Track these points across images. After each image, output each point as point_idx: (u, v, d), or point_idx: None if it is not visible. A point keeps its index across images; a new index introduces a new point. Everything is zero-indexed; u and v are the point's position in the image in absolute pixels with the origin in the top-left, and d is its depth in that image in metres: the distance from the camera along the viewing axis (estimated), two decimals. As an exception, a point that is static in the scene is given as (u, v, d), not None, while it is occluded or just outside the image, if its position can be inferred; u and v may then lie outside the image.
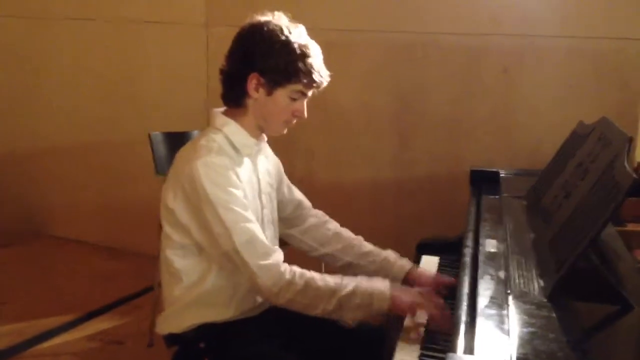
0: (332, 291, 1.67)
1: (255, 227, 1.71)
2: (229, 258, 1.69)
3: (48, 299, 3.42)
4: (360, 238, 2.07)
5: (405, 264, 1.98)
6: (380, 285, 1.70)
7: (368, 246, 2.04)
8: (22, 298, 3.44)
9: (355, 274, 1.99)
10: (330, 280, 1.69)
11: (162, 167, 2.95)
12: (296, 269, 1.70)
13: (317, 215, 2.11)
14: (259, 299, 1.84)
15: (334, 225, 2.09)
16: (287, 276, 1.67)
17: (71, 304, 3.36)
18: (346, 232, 2.08)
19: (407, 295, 1.69)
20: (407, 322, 1.68)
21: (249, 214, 1.71)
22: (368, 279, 1.73)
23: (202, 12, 3.66)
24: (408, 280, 1.95)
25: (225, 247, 1.68)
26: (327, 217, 2.11)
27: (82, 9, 3.98)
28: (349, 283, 1.69)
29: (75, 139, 4.16)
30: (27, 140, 4.31)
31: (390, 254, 2.01)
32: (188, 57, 3.75)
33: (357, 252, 2.02)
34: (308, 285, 1.67)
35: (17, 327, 3.11)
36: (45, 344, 3.00)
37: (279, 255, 1.71)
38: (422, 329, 1.64)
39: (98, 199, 4.16)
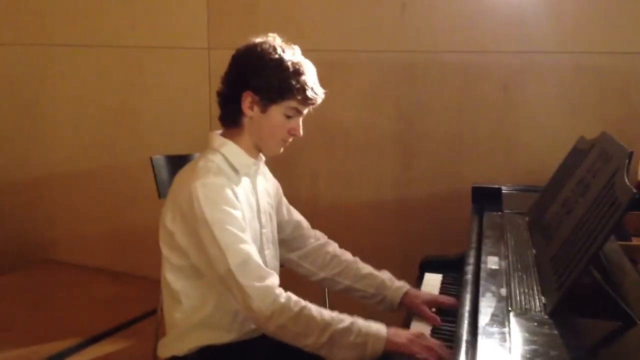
0: (327, 324, 1.61)
1: (251, 249, 1.69)
2: (223, 281, 1.67)
3: (52, 324, 3.40)
4: (357, 260, 2.05)
5: (402, 285, 1.96)
6: (377, 326, 1.64)
7: (366, 269, 2.01)
8: (27, 324, 3.42)
9: (353, 297, 1.99)
10: (326, 313, 1.64)
11: (164, 191, 2.93)
12: (292, 295, 1.66)
13: (316, 237, 2.09)
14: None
15: (332, 248, 2.07)
16: (282, 300, 1.63)
17: (75, 328, 3.34)
18: (344, 255, 2.05)
19: (402, 337, 1.61)
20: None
21: (246, 236, 1.70)
22: (364, 319, 1.67)
23: (204, 36, 3.68)
24: (405, 301, 1.93)
25: (220, 270, 1.66)
26: (326, 239, 2.10)
27: (84, 36, 4.00)
28: (345, 319, 1.64)
29: (78, 165, 4.17)
30: (29, 167, 4.32)
31: (387, 276, 1.99)
32: (190, 81, 3.76)
33: (354, 275, 2.00)
34: (302, 312, 1.62)
35: (21, 353, 3.09)
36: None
37: (274, 279, 1.68)
38: None
39: (101, 223, 4.16)
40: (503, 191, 2.46)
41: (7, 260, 4.16)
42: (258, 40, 1.79)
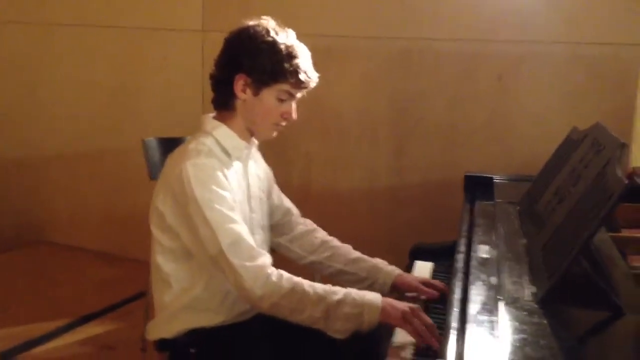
0: (320, 297, 1.62)
1: (242, 229, 1.69)
2: (215, 262, 1.68)
3: (44, 305, 3.40)
4: (348, 246, 2.05)
5: (393, 269, 1.97)
6: (371, 296, 1.63)
7: (356, 253, 2.02)
8: (18, 303, 3.42)
9: (344, 281, 1.99)
10: (319, 287, 1.65)
11: (156, 173, 2.92)
12: (283, 272, 1.67)
13: (305, 224, 2.10)
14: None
15: (321, 234, 2.08)
16: (274, 279, 1.64)
17: (67, 309, 3.34)
18: (333, 241, 2.06)
19: (398, 310, 1.60)
20: (397, 337, 1.62)
21: (236, 215, 1.70)
22: (358, 290, 1.67)
23: (199, 18, 3.66)
24: (396, 284, 1.93)
25: (211, 250, 1.66)
26: (315, 226, 2.11)
27: (81, 16, 3.97)
28: (339, 291, 1.64)
29: (74, 147, 4.15)
30: (26, 147, 4.29)
31: (379, 261, 1.99)
32: (185, 63, 3.74)
33: (345, 259, 2.00)
34: (295, 289, 1.63)
35: (11, 332, 3.09)
36: (38, 349, 2.99)
37: (266, 258, 1.69)
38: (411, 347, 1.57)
39: (97, 206, 4.15)
40: (495, 180, 2.46)
41: (3, 241, 4.16)
42: (251, 23, 1.78)
